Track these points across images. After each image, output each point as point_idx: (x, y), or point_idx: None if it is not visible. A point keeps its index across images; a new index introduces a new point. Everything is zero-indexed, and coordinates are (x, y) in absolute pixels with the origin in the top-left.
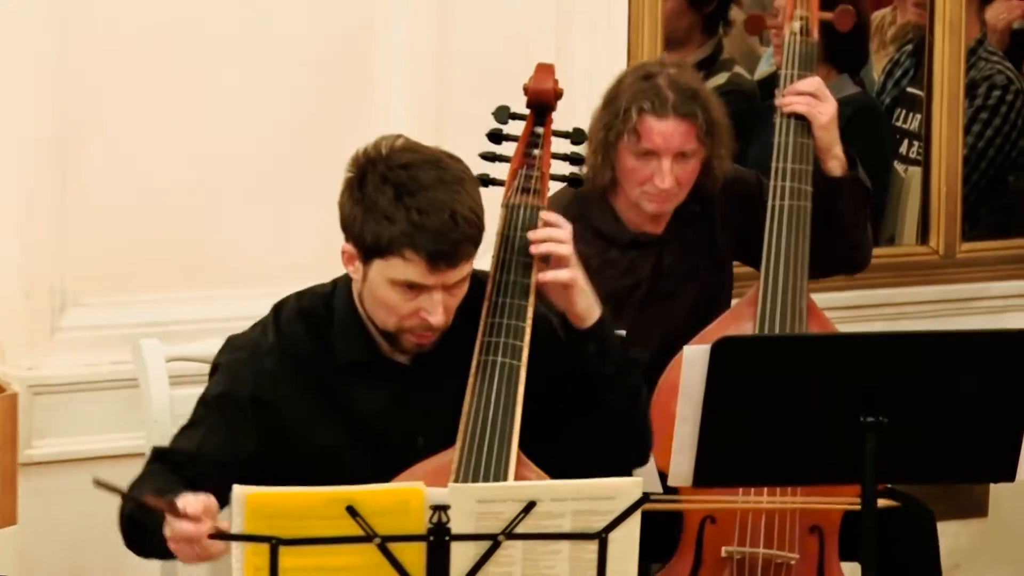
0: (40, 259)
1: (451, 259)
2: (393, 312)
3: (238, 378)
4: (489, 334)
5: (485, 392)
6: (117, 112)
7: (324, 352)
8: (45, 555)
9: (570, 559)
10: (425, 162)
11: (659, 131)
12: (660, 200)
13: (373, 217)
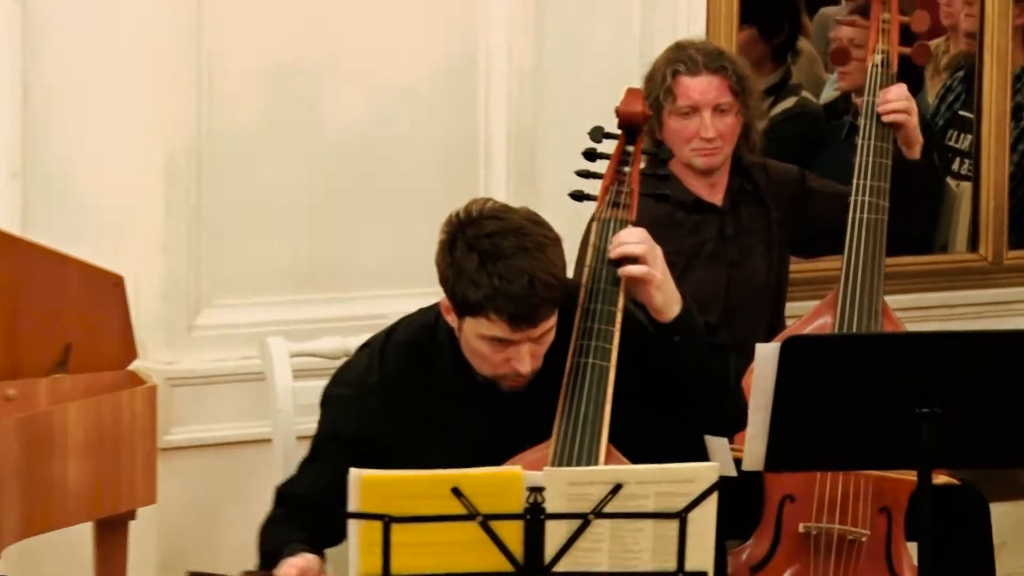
0: (178, 265)
1: (531, 320)
2: (486, 361)
3: (343, 416)
4: (581, 338)
5: (577, 391)
6: (248, 132)
7: (427, 382)
8: (181, 532)
9: (653, 537)
10: (509, 230)
11: (694, 87)
12: (707, 153)
13: (461, 280)
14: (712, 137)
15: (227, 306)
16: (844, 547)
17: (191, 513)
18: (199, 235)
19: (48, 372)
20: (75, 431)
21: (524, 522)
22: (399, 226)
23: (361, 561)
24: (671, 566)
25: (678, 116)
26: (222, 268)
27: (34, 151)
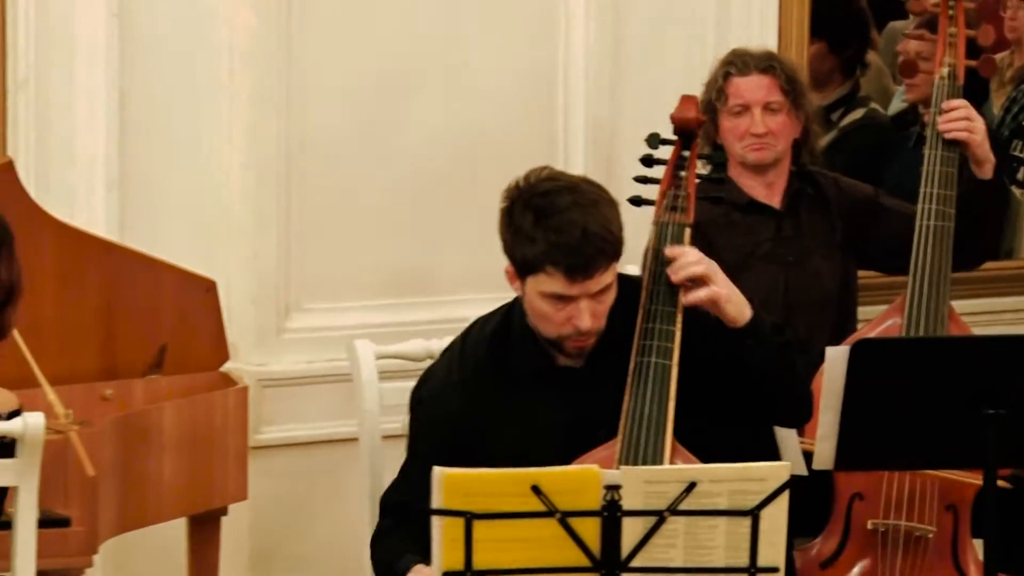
0: (268, 270)
1: (586, 271)
2: (549, 321)
3: (433, 419)
4: (643, 338)
5: (640, 390)
6: (335, 141)
7: (506, 370)
8: (271, 527)
9: (726, 533)
10: (563, 188)
11: (744, 86)
12: (758, 148)
13: (519, 239)
14: (762, 133)
15: (316, 310)
16: (911, 544)
17: (281, 509)
18: (288, 242)
19: (144, 373)
20: (170, 430)
21: (601, 519)
22: (481, 232)
23: (444, 556)
24: (743, 562)
25: (730, 115)
26: (311, 273)
27: (131, 162)
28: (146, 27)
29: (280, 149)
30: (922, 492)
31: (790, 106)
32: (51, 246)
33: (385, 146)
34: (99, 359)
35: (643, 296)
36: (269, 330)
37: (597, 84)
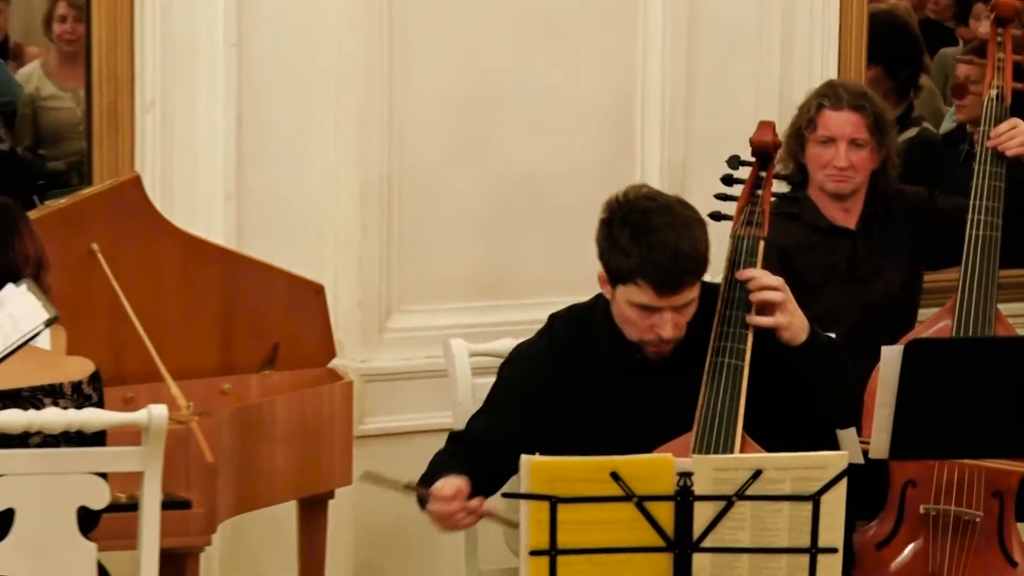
0: (371, 275)
1: (674, 287)
2: (634, 327)
3: (517, 375)
4: (719, 340)
5: (715, 387)
6: (432, 157)
7: (587, 351)
8: (373, 510)
9: (789, 517)
10: (659, 208)
11: (834, 120)
12: (838, 180)
13: (615, 251)
14: (844, 167)
15: (414, 311)
16: (960, 527)
17: (382, 494)
18: (390, 249)
19: (258, 369)
20: (282, 421)
21: (675, 503)
22: (563, 241)
23: (531, 536)
24: (805, 543)
25: (817, 143)
26: (410, 278)
27: (247, 176)
28: (261, 55)
29: (382, 165)
30: (970, 480)
31: (874, 143)
32: (174, 253)
33: (476, 163)
34: (218, 356)
35: (720, 303)
36: (372, 330)
37: (672, 106)
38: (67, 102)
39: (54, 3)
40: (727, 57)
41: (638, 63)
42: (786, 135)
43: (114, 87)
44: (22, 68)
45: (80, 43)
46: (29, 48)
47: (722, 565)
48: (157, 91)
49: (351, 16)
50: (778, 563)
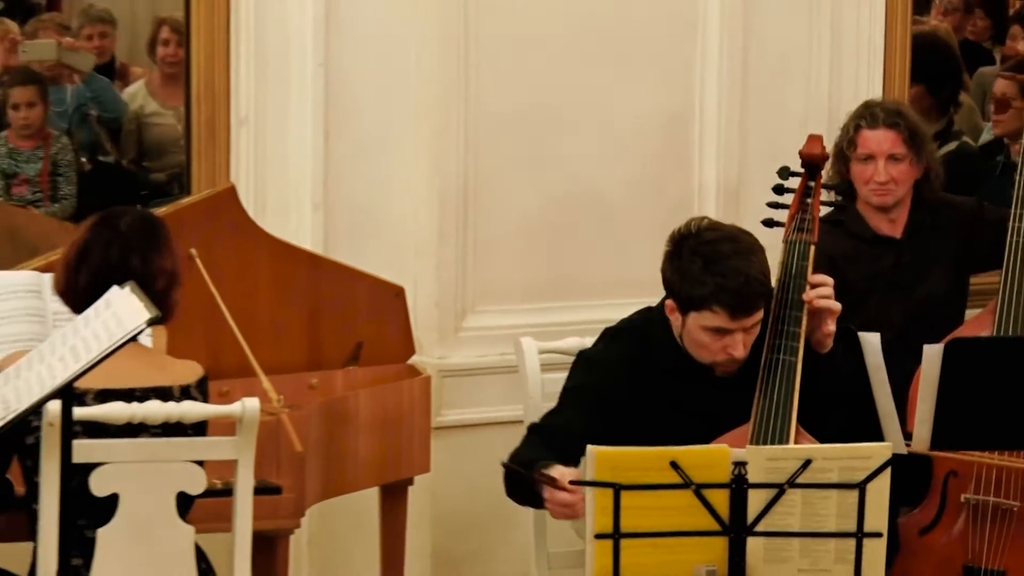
0: (448, 279)
1: (747, 311)
2: (706, 349)
3: (589, 382)
4: (774, 338)
5: (770, 381)
6: (504, 168)
7: (648, 361)
8: (450, 496)
9: (837, 504)
10: (725, 238)
11: (872, 138)
12: (881, 193)
13: (687, 281)
14: (884, 181)
15: (487, 312)
16: (999, 515)
17: (458, 481)
18: (465, 254)
19: (343, 365)
20: (365, 413)
21: (730, 490)
22: (623, 247)
23: (596, 520)
24: (851, 528)
25: (858, 161)
26: (483, 281)
27: (334, 186)
28: (346, 74)
29: (458, 176)
30: (1008, 472)
31: (912, 156)
32: (266, 258)
33: (544, 174)
34: (306, 353)
35: (774, 304)
36: (448, 329)
37: (727, 121)
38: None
39: (158, 28)
40: (778, 76)
41: (696, 81)
42: (832, 155)
43: (211, 104)
44: (127, 87)
45: (180, 64)
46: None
47: (774, 548)
48: (251, 108)
49: (429, 38)
50: (826, 546)
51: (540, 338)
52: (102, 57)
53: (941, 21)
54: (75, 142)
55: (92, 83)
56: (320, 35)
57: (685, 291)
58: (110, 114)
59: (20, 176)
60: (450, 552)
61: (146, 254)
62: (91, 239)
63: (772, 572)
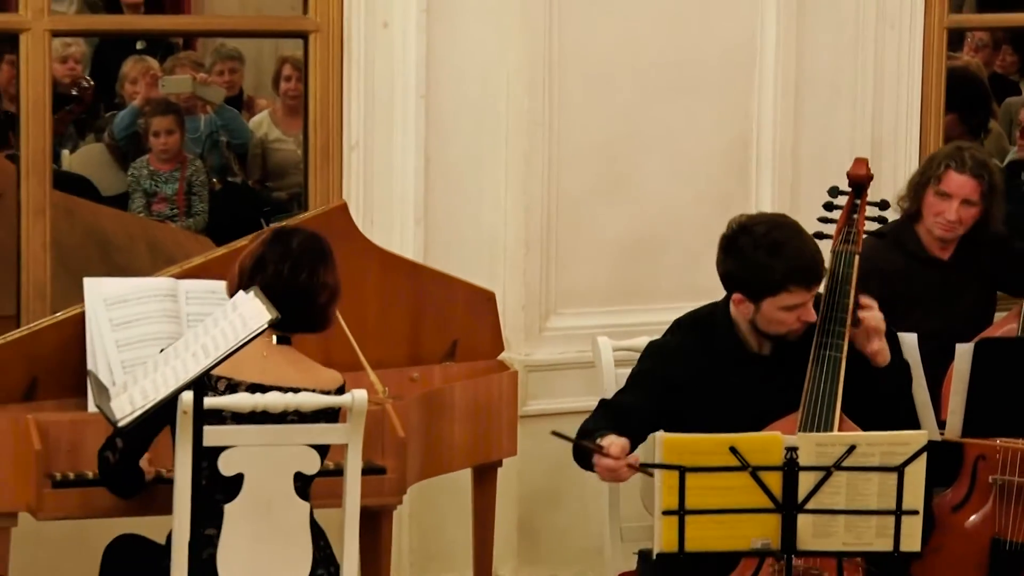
0: (533, 285)
1: (819, 279)
2: (783, 324)
3: (654, 367)
4: (821, 336)
5: (817, 374)
6: (583, 189)
7: (710, 347)
8: (534, 476)
9: (878, 484)
10: (775, 225)
11: (955, 181)
12: (945, 229)
13: (756, 271)
14: (953, 220)
15: (568, 314)
16: (1022, 494)
17: (541, 463)
18: (548, 264)
19: (440, 360)
20: (460, 403)
21: (783, 472)
22: (688, 257)
23: (663, 499)
24: (891, 506)
25: (936, 194)
26: (564, 287)
27: (433, 203)
28: (445, 104)
29: (542, 194)
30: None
31: (982, 205)
32: (374, 266)
33: (618, 193)
34: (408, 350)
35: (822, 306)
36: (533, 329)
37: (782, 146)
38: (289, 144)
39: (281, 65)
40: (828, 105)
41: (753, 110)
42: (913, 179)
43: (326, 132)
44: (253, 117)
45: (300, 97)
46: (259, 100)
47: (821, 524)
48: (361, 134)
49: (518, 73)
50: (868, 523)
51: (614, 337)
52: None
53: (973, 57)
54: (207, 165)
55: (222, 113)
56: (422, 71)
57: (757, 281)
58: (238, 140)
59: (159, 195)
60: (533, 525)
61: (313, 271)
62: (266, 253)
63: (820, 545)
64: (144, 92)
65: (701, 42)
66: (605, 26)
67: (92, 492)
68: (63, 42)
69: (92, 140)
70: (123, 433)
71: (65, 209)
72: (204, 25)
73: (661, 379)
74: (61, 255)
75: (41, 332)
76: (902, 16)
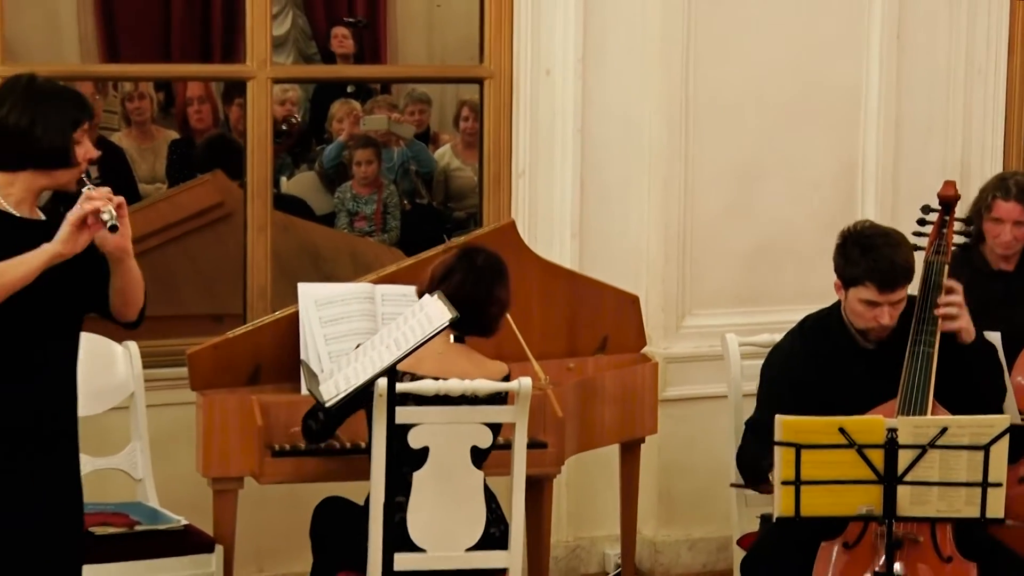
0: (671, 290)
1: (891, 287)
2: (861, 317)
3: (779, 375)
4: (916, 333)
5: (913, 366)
6: (711, 209)
7: (825, 344)
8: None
9: (967, 460)
10: (879, 233)
11: (1003, 208)
12: (1003, 247)
13: (849, 263)
14: (1009, 240)
15: (701, 314)
16: None
17: (678, 440)
18: (684, 272)
19: (593, 353)
20: (610, 389)
21: (884, 450)
22: (804, 266)
23: (782, 471)
24: (978, 479)
25: (990, 221)
26: (698, 292)
27: (587, 221)
28: (597, 138)
29: (679, 213)
30: None
31: None
32: (537, 274)
33: (744, 213)
34: (565, 344)
35: (916, 308)
36: (672, 327)
37: (883, 171)
38: (467, 172)
39: (460, 107)
40: (923, 136)
41: (859, 141)
42: (971, 209)
43: (498, 162)
44: (438, 149)
45: (476, 133)
46: (443, 135)
47: (918, 493)
48: (526, 164)
49: (658, 111)
50: (958, 493)
51: (740, 334)
52: (420, 127)
53: None
54: (399, 189)
55: (412, 146)
56: (578, 110)
57: (847, 271)
58: (425, 169)
59: (360, 214)
60: (672, 493)
61: (491, 286)
62: (455, 265)
63: (916, 511)
64: (348, 129)
65: (816, 83)
66: (732, 70)
67: (304, 461)
68: (282, 88)
69: (305, 169)
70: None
71: (283, 226)
72: (398, 73)
73: (787, 381)
74: (279, 264)
75: (263, 328)
76: (987, 63)
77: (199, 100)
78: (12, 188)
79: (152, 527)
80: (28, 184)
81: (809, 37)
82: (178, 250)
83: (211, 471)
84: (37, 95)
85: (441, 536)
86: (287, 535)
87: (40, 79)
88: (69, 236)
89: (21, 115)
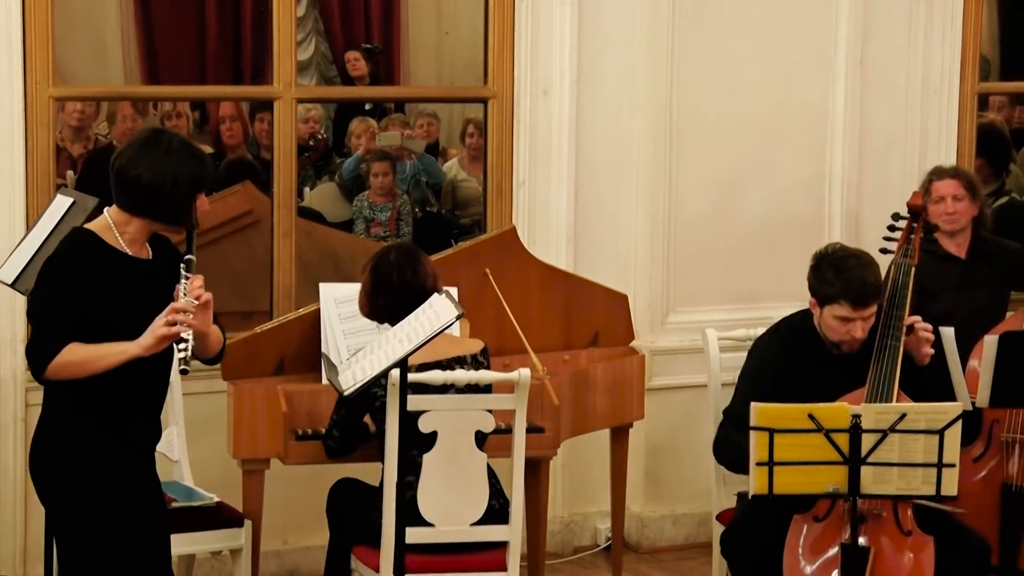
0: (656, 289)
1: (864, 304)
2: (835, 332)
3: (761, 364)
4: (883, 328)
5: (881, 359)
6: (696, 213)
7: (800, 344)
8: (657, 435)
9: (924, 443)
10: (850, 255)
11: (941, 186)
12: (949, 221)
13: (824, 283)
14: (952, 212)
15: (683, 312)
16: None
17: (664, 425)
18: (668, 273)
19: (586, 346)
20: (601, 379)
21: (849, 434)
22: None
23: (757, 453)
24: (934, 460)
25: (933, 203)
26: (680, 291)
27: (581, 228)
28: (590, 152)
29: (664, 222)
30: None
31: (969, 197)
32: (535, 275)
33: (725, 221)
34: (560, 338)
35: (884, 305)
36: (657, 323)
37: (849, 183)
38: (473, 183)
39: (466, 125)
40: (884, 148)
41: (827, 153)
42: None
43: (500, 173)
44: (446, 162)
45: (481, 148)
46: (451, 150)
47: (879, 473)
48: (526, 176)
49: (645, 127)
50: (916, 473)
51: (720, 330)
52: (430, 141)
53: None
54: (412, 198)
55: (423, 159)
56: (572, 126)
57: (822, 290)
58: (434, 180)
59: (376, 221)
60: (657, 473)
61: (416, 268)
62: (379, 274)
63: (878, 489)
64: (365, 144)
65: (788, 102)
66: (713, 90)
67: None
68: (305, 107)
69: (327, 180)
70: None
71: (306, 232)
72: (410, 94)
73: (765, 373)
74: (302, 266)
75: (288, 324)
76: (942, 84)
77: (231, 119)
78: (128, 227)
79: (187, 504)
80: (143, 227)
81: (782, 60)
82: (212, 253)
83: (241, 453)
84: (174, 157)
85: (449, 512)
86: (309, 511)
87: (176, 140)
88: (151, 346)
89: (156, 175)
